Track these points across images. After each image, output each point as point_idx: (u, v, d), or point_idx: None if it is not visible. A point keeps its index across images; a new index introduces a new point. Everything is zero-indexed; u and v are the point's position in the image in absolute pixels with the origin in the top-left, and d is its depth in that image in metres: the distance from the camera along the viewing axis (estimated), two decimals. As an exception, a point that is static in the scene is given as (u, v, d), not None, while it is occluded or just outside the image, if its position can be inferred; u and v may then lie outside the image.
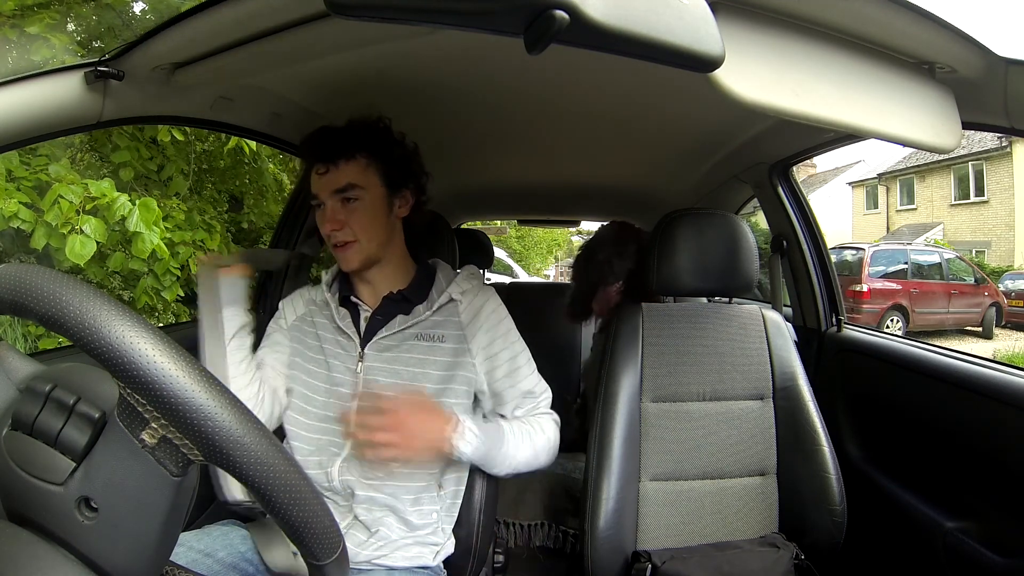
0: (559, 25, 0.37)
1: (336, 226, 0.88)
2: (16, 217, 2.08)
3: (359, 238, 0.89)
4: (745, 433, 1.05)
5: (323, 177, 0.89)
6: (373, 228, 0.90)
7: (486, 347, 0.92)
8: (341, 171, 0.88)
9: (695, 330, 1.10)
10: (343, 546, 0.42)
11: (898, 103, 0.66)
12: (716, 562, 0.93)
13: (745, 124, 1.29)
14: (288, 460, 0.38)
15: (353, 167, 0.88)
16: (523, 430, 0.92)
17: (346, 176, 0.88)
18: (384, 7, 0.39)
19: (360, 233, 0.89)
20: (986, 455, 0.96)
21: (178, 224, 2.71)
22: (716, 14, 0.44)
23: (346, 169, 0.88)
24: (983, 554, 0.89)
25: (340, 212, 0.88)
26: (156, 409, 0.34)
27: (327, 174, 0.88)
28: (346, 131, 0.90)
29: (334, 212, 0.88)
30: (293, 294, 1.03)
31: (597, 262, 1.51)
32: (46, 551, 0.37)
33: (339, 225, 0.88)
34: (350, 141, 0.89)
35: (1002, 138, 10.86)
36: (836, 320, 1.41)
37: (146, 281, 2.70)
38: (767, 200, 1.50)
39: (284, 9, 0.70)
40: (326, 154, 0.88)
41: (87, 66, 0.77)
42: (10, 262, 0.91)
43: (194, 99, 0.97)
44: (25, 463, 0.38)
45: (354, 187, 0.88)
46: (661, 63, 0.43)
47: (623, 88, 1.10)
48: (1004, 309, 9.16)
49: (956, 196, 12.80)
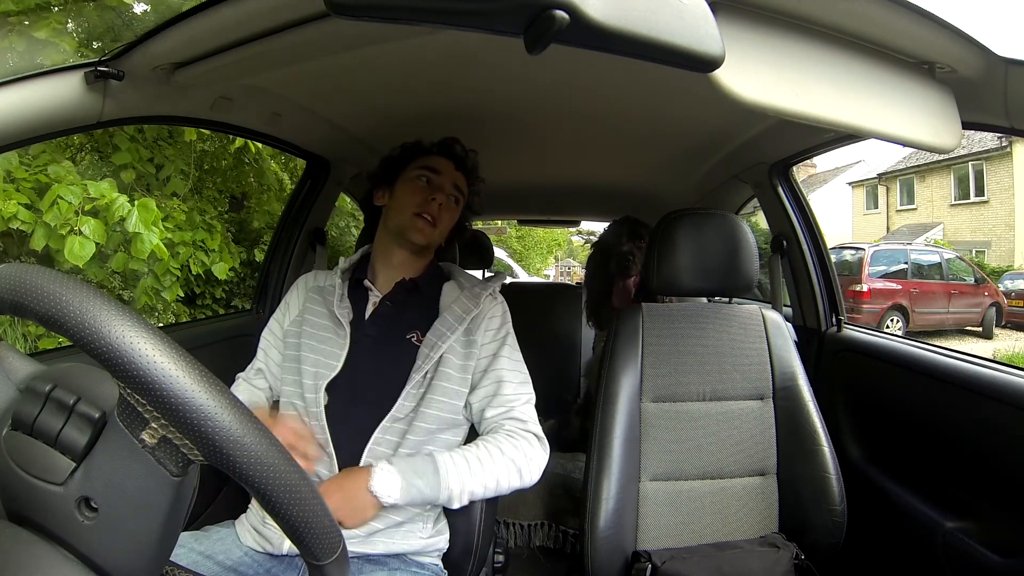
0: (559, 25, 0.37)
1: (437, 207, 1.00)
2: (15, 218, 2.08)
3: (440, 226, 1.02)
4: (745, 433, 1.05)
5: (449, 174, 1.04)
6: (448, 228, 1.05)
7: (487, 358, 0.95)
8: (461, 178, 1.06)
9: (695, 330, 1.10)
10: (343, 546, 0.42)
11: (898, 103, 0.66)
12: (716, 562, 0.93)
13: (745, 124, 1.29)
14: (288, 460, 0.38)
15: (463, 182, 1.08)
16: (473, 455, 0.87)
17: (462, 184, 1.07)
18: (384, 7, 0.39)
19: (443, 224, 1.03)
20: (986, 455, 0.96)
21: (178, 224, 2.71)
22: (716, 14, 0.44)
23: (462, 180, 1.07)
24: (983, 554, 0.89)
25: (445, 200, 1.02)
26: (156, 409, 0.34)
27: (454, 172, 1.05)
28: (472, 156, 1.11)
29: (444, 197, 1.02)
30: (297, 283, 1.08)
31: (621, 254, 1.56)
32: (46, 551, 0.37)
33: (438, 208, 1.00)
34: (470, 165, 1.09)
35: (1002, 138, 10.86)
36: (836, 320, 1.41)
37: (146, 281, 2.71)
38: (767, 200, 1.50)
39: (284, 9, 0.70)
40: (460, 161, 1.07)
41: (87, 66, 0.77)
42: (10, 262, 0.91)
43: (194, 99, 0.97)
44: (25, 463, 0.38)
45: (461, 194, 1.06)
46: (661, 63, 0.43)
47: (623, 88, 1.10)
48: (1004, 309, 9.15)
49: (956, 196, 12.80)
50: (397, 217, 1.00)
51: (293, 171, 3.92)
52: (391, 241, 1.01)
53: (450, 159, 1.06)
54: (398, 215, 1.00)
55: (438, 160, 1.05)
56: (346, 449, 0.87)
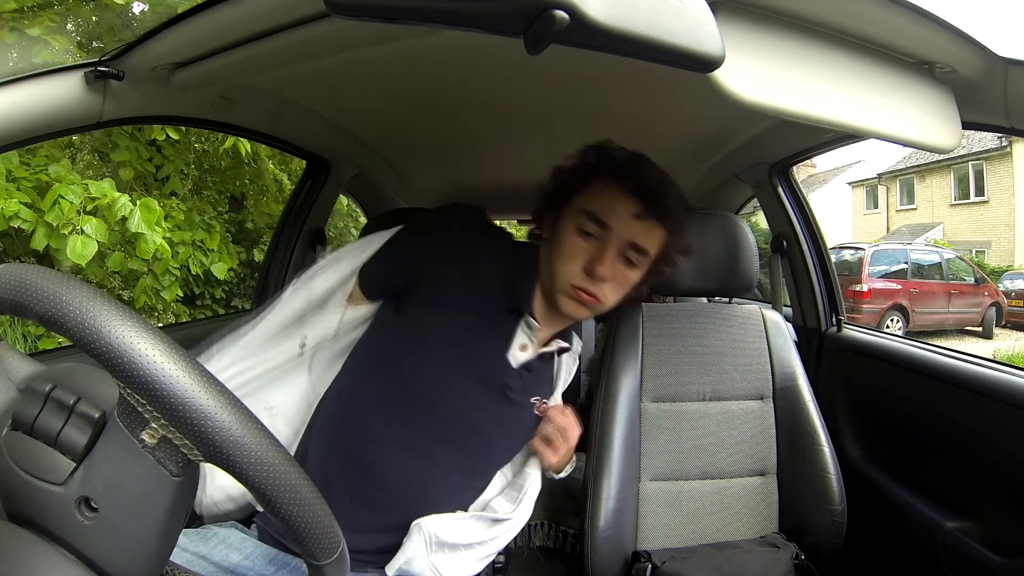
0: (559, 25, 0.37)
1: (603, 277, 0.76)
2: (17, 217, 2.08)
3: (607, 301, 0.79)
4: (745, 433, 1.05)
5: (631, 222, 0.76)
6: (623, 293, 0.81)
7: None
8: (649, 229, 0.77)
9: (695, 330, 1.09)
10: (343, 546, 0.42)
11: (898, 103, 0.66)
12: (716, 562, 0.93)
13: (745, 124, 1.29)
14: (288, 460, 0.38)
15: (658, 232, 0.78)
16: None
17: (649, 238, 0.77)
18: (384, 7, 0.39)
19: (612, 296, 0.79)
20: (986, 455, 0.96)
21: (178, 224, 2.71)
22: (716, 14, 0.44)
23: (654, 231, 0.78)
24: (983, 554, 0.89)
25: (616, 265, 0.77)
26: (156, 409, 0.34)
27: (637, 221, 0.76)
28: (675, 191, 0.79)
29: (612, 263, 0.76)
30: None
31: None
32: (46, 551, 0.37)
33: (605, 278, 0.76)
34: (672, 206, 0.77)
35: (1002, 138, 10.85)
36: (836, 320, 1.41)
37: (145, 281, 2.71)
38: (767, 200, 1.50)
39: (284, 9, 0.70)
40: (652, 202, 0.75)
41: (87, 66, 0.77)
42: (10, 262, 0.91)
43: (194, 99, 0.97)
44: (25, 463, 0.38)
45: (645, 254, 0.78)
46: (661, 63, 0.43)
47: (623, 88, 1.10)
48: (1004, 309, 9.15)
49: (956, 196, 12.80)
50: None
51: (294, 172, 3.92)
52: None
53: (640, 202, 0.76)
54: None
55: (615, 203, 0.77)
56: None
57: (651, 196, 0.76)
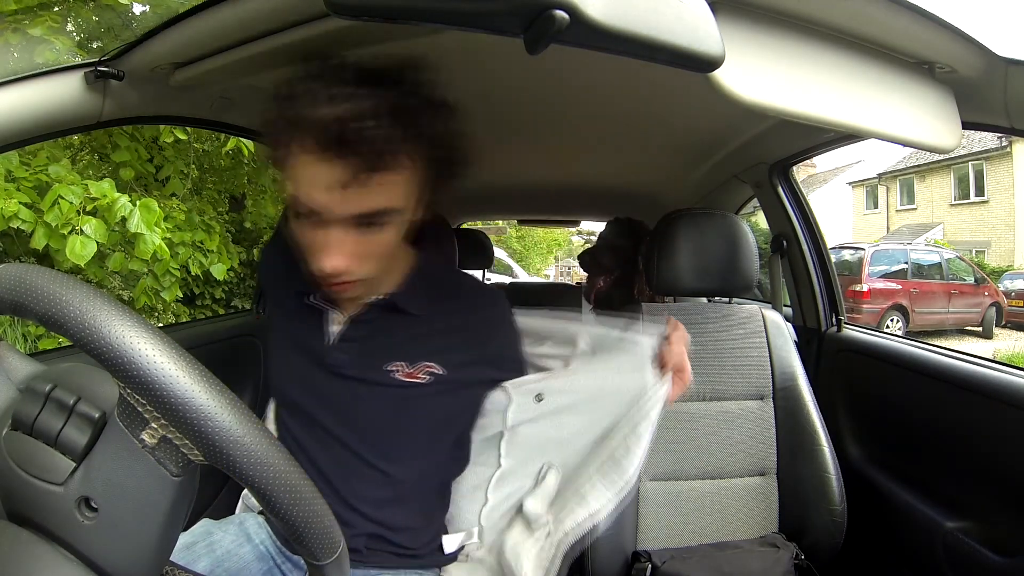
0: (559, 25, 0.37)
1: (341, 263, 0.58)
2: (16, 217, 2.08)
3: (365, 273, 0.62)
4: (745, 433, 1.05)
5: (336, 192, 0.55)
6: (387, 254, 0.63)
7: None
8: (371, 191, 0.55)
9: (695, 330, 1.09)
10: (343, 546, 0.42)
11: (898, 103, 0.66)
12: (716, 562, 0.93)
13: (745, 124, 1.29)
14: (288, 460, 0.37)
15: (390, 183, 0.56)
16: None
17: (377, 199, 0.56)
18: (384, 7, 0.39)
19: (370, 266, 0.61)
20: (986, 455, 0.96)
21: (178, 224, 2.71)
22: (716, 14, 0.44)
23: (380, 188, 0.55)
24: (983, 554, 0.89)
25: (351, 243, 0.58)
26: (156, 409, 0.34)
27: (345, 189, 0.54)
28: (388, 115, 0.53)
29: (340, 244, 0.57)
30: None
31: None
32: (46, 551, 0.37)
33: (346, 261, 0.59)
34: (394, 136, 0.54)
35: (1002, 138, 10.86)
36: (836, 320, 1.41)
37: (145, 281, 2.70)
38: (767, 200, 1.50)
39: (284, 9, 0.70)
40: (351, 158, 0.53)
41: (87, 66, 0.77)
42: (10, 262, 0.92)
43: (194, 99, 0.97)
44: (25, 463, 0.38)
45: (386, 213, 0.58)
46: (661, 63, 0.43)
47: (623, 88, 1.10)
48: (1004, 309, 9.15)
49: (956, 196, 12.81)
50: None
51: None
52: None
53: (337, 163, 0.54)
54: None
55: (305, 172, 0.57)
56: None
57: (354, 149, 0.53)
